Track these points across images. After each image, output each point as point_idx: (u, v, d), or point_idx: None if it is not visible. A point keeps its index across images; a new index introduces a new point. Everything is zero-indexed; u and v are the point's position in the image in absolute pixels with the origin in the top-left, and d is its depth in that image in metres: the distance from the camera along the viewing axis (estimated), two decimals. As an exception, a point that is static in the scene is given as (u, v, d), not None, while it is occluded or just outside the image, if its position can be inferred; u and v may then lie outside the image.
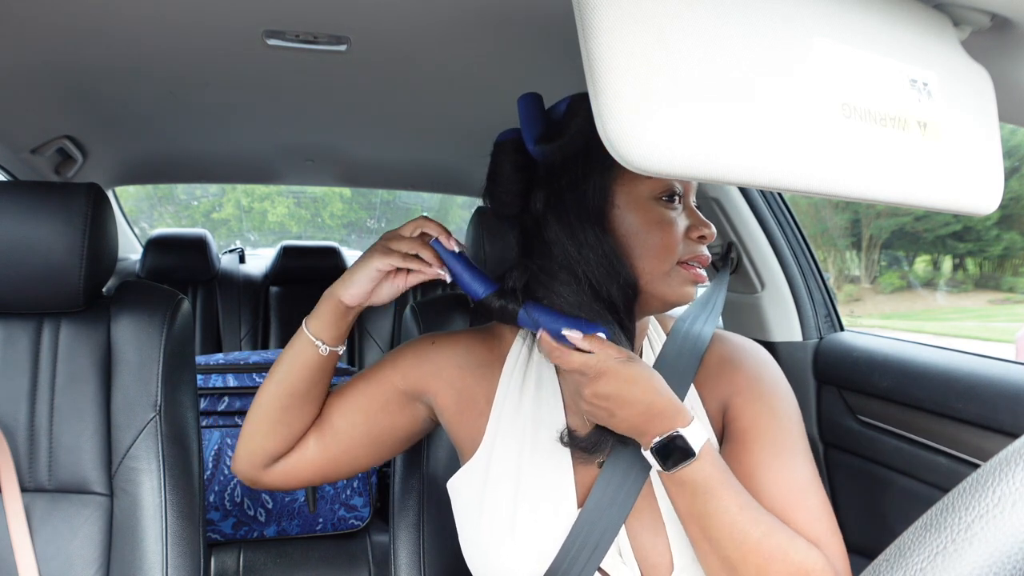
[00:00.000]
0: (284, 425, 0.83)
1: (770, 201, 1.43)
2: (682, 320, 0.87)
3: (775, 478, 0.73)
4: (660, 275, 0.76)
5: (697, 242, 0.77)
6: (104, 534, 0.98)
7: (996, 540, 0.28)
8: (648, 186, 0.75)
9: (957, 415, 1.06)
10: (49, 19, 0.92)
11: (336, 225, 6.09)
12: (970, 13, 0.56)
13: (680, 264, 0.76)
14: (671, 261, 0.75)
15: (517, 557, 0.74)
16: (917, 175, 0.51)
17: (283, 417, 0.83)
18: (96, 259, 1.01)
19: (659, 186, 0.75)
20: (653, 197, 0.75)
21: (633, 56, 0.40)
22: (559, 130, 0.75)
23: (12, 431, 0.99)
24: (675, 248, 0.75)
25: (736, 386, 0.80)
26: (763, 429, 0.76)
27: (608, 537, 0.74)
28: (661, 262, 0.75)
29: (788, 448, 0.75)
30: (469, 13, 0.86)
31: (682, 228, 0.77)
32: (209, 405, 1.68)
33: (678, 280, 0.76)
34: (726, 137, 0.43)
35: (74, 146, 1.55)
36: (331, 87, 1.22)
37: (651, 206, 0.75)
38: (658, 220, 0.75)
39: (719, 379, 0.81)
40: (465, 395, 0.84)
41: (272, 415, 0.83)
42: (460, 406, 0.84)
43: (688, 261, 0.76)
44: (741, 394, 0.79)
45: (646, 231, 0.75)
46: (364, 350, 2.49)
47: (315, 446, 0.86)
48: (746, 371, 0.81)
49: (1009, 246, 6.60)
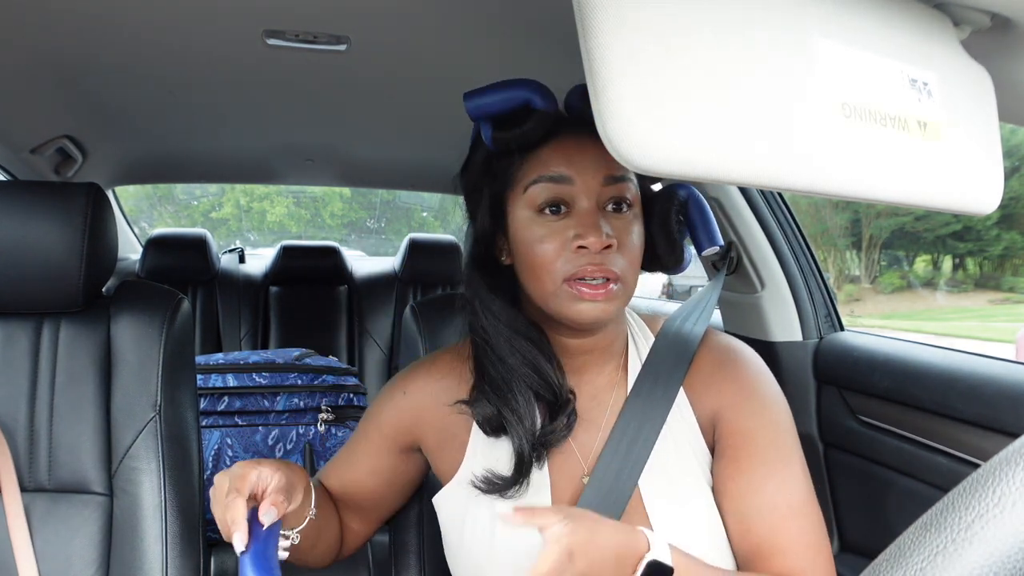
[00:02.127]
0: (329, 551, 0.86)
1: (770, 201, 1.43)
2: (672, 319, 0.83)
3: (771, 499, 0.71)
4: (548, 295, 0.71)
5: (577, 253, 0.69)
6: (104, 534, 0.98)
7: (996, 540, 0.28)
8: (525, 200, 0.71)
9: (957, 415, 1.06)
10: (49, 19, 0.92)
11: (336, 225, 6.09)
12: (970, 13, 0.56)
13: (566, 282, 0.69)
14: (553, 280, 0.69)
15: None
16: (917, 175, 0.51)
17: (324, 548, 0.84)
18: (96, 259, 1.01)
19: (534, 198, 0.71)
20: (534, 211, 0.71)
21: (633, 56, 0.40)
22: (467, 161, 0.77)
23: (12, 431, 0.99)
24: (552, 265, 0.69)
25: (729, 397, 0.75)
26: (757, 445, 0.73)
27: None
28: (542, 281, 0.70)
29: (782, 463, 0.72)
30: (469, 13, 0.87)
31: (562, 240, 0.69)
32: (209, 405, 1.68)
33: (566, 299, 0.69)
34: (726, 137, 0.43)
35: (74, 146, 1.55)
36: (331, 87, 1.22)
37: (531, 220, 0.71)
38: (533, 237, 0.71)
39: (710, 387, 0.77)
40: (445, 432, 0.82)
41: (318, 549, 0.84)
42: (441, 442, 0.83)
43: (573, 278, 0.69)
44: (734, 407, 0.75)
45: (525, 249, 0.71)
46: (364, 350, 2.49)
47: (358, 522, 0.89)
48: (740, 380, 0.76)
49: (1009, 246, 6.60)
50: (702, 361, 0.78)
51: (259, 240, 5.85)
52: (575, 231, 0.69)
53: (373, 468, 0.87)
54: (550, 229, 0.70)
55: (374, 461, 0.87)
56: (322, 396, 1.72)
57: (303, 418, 1.70)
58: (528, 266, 0.71)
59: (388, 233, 5.54)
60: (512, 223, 0.73)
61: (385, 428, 0.86)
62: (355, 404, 1.76)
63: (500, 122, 0.71)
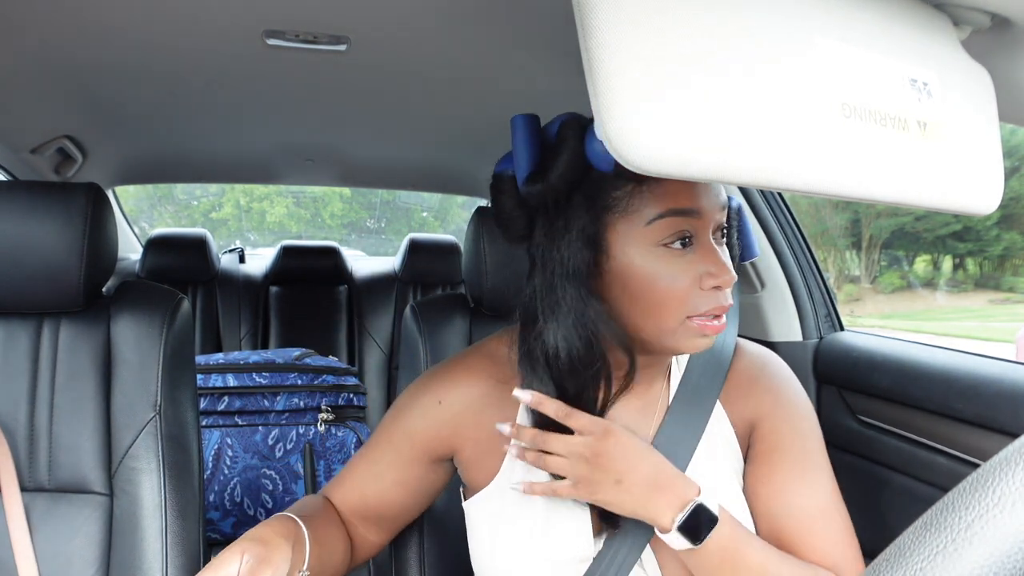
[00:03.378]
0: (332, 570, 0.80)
1: (770, 201, 1.43)
2: None
3: (801, 501, 0.72)
4: (666, 331, 0.67)
5: (711, 292, 0.66)
6: (104, 534, 0.98)
7: (996, 540, 0.28)
8: (647, 232, 0.65)
9: (957, 415, 1.06)
10: (49, 19, 0.92)
11: (336, 225, 6.09)
12: (970, 13, 0.56)
13: (690, 318, 0.66)
14: (679, 316, 0.66)
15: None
16: (917, 175, 0.51)
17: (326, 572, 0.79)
18: (96, 259, 1.01)
19: (659, 231, 0.65)
20: (655, 243, 0.65)
21: (633, 56, 0.40)
22: (543, 170, 0.67)
23: (12, 431, 0.99)
24: (683, 302, 0.66)
25: (764, 407, 0.76)
26: (788, 449, 0.74)
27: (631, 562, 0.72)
28: (666, 319, 0.66)
29: (812, 468, 0.74)
30: (469, 13, 0.86)
31: (692, 276, 0.66)
32: (209, 405, 1.68)
33: (687, 335, 0.67)
34: (726, 137, 0.43)
35: (74, 146, 1.55)
36: (331, 87, 1.22)
37: (652, 254, 0.66)
38: (659, 272, 0.65)
39: (747, 398, 0.77)
40: (483, 442, 0.79)
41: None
42: (479, 452, 0.80)
43: (701, 315, 0.66)
44: (769, 417, 0.76)
45: (647, 284, 0.66)
46: (364, 350, 2.49)
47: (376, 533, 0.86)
48: (773, 391, 0.77)
49: (1009, 246, 6.61)
50: (737, 372, 0.79)
51: (259, 240, 5.85)
52: (705, 268, 0.66)
53: (401, 479, 0.83)
54: (679, 266, 0.65)
55: (403, 473, 0.82)
56: (322, 396, 1.72)
57: (303, 418, 1.70)
58: (645, 301, 0.66)
59: (388, 233, 5.54)
60: (618, 253, 0.66)
61: (418, 439, 0.81)
62: (355, 404, 1.77)
63: None
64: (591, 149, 0.64)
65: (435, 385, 0.81)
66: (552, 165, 0.66)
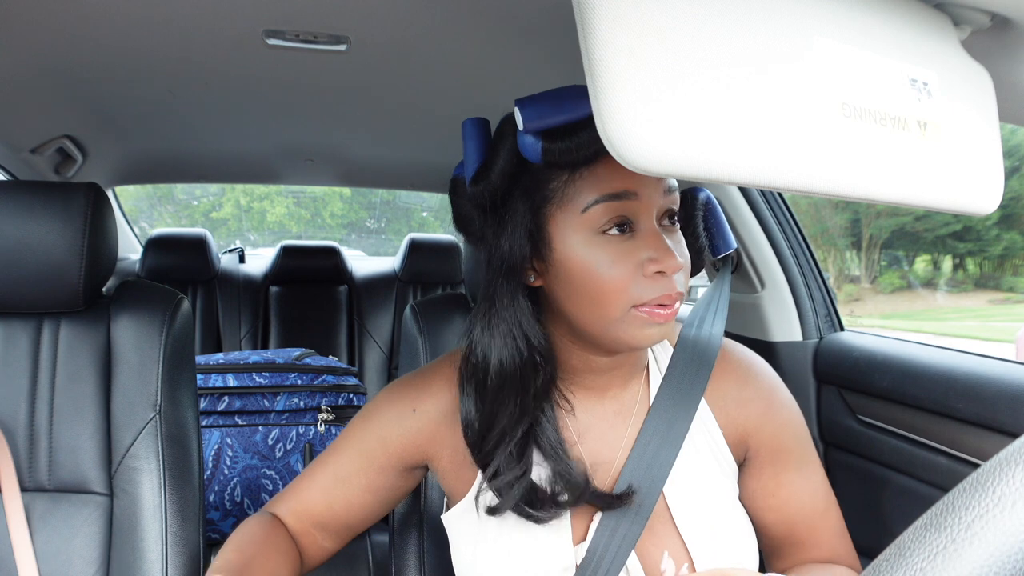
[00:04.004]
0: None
1: (770, 201, 1.43)
2: (687, 326, 0.80)
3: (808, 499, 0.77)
4: (611, 323, 0.65)
5: (653, 279, 0.64)
6: (104, 534, 0.98)
7: (996, 540, 0.28)
8: (584, 220, 0.63)
9: (957, 415, 1.06)
10: (49, 19, 0.92)
11: (336, 225, 6.09)
12: (970, 13, 0.56)
13: (636, 307, 0.64)
14: (622, 306, 0.64)
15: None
16: (917, 175, 0.51)
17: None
18: (96, 259, 1.01)
19: (596, 217, 0.63)
20: (594, 231, 0.64)
21: (633, 55, 0.40)
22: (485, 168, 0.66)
23: (12, 431, 0.99)
24: (625, 291, 0.63)
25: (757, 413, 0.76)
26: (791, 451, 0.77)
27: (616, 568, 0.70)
28: (608, 308, 0.64)
29: (812, 467, 0.78)
30: (469, 13, 0.86)
31: (634, 264, 0.64)
32: (209, 405, 1.68)
33: (634, 324, 0.65)
34: (726, 137, 0.43)
35: (74, 146, 1.55)
36: (331, 87, 1.22)
37: (591, 242, 0.64)
38: (598, 260, 0.63)
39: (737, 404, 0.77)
40: (460, 450, 0.76)
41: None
42: (455, 462, 0.78)
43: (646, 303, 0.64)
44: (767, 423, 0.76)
45: (586, 274, 0.64)
46: (364, 350, 2.49)
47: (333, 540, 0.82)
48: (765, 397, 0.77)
49: (1009, 246, 6.61)
50: (722, 371, 0.77)
51: (259, 240, 5.85)
52: (647, 254, 0.64)
53: (371, 486, 0.80)
54: (618, 252, 0.64)
55: (373, 479, 0.79)
56: (322, 396, 1.72)
57: (303, 418, 1.70)
58: (586, 292, 0.64)
59: (388, 233, 5.54)
60: (559, 245, 0.65)
61: (392, 446, 0.78)
62: (355, 404, 1.76)
63: (551, 133, 0.61)
64: (522, 143, 0.63)
65: (410, 392, 0.79)
66: (492, 163, 0.66)
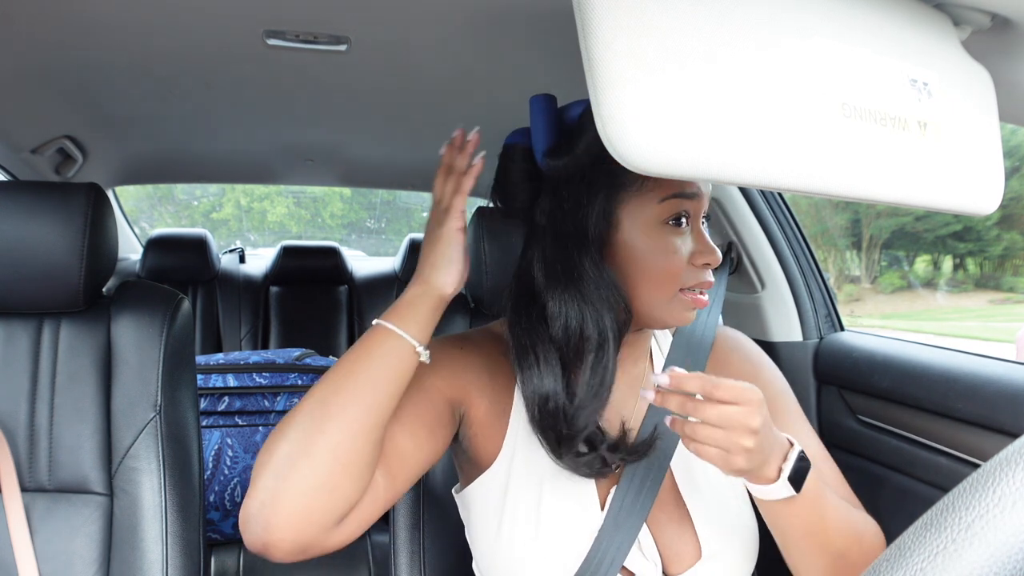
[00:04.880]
0: (370, 462, 0.65)
1: (770, 201, 1.43)
2: None
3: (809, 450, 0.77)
4: (661, 301, 0.74)
5: (701, 269, 0.74)
6: (104, 534, 0.98)
7: (996, 540, 0.28)
8: (655, 210, 0.72)
9: (957, 415, 1.06)
10: (49, 19, 0.92)
11: (336, 225, 6.09)
12: (970, 13, 0.56)
13: (682, 291, 0.73)
14: (673, 289, 0.73)
15: (541, 569, 0.73)
16: (917, 175, 0.51)
17: (373, 451, 0.65)
18: (96, 259, 1.01)
19: (666, 210, 0.72)
20: (660, 221, 0.72)
21: (633, 57, 0.40)
22: (568, 145, 0.71)
23: (12, 431, 0.99)
24: (678, 276, 0.73)
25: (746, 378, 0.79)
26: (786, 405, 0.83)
27: (631, 536, 0.74)
28: (663, 290, 0.73)
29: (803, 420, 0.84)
30: (469, 13, 0.86)
31: (686, 254, 0.73)
32: (209, 405, 1.68)
33: (679, 307, 0.74)
34: (726, 137, 0.43)
35: (74, 146, 1.55)
36: (331, 87, 1.22)
37: (657, 231, 0.72)
38: (663, 247, 0.72)
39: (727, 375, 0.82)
40: (494, 405, 0.79)
41: (362, 452, 0.63)
42: (489, 417, 0.79)
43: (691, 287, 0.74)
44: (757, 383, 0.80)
45: (650, 258, 0.72)
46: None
47: (383, 480, 0.69)
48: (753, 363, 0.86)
49: (1009, 246, 6.61)
50: (716, 354, 0.86)
51: (259, 240, 5.85)
52: (697, 247, 0.73)
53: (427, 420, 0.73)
54: (677, 243, 0.72)
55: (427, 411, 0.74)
56: (322, 396, 1.72)
57: (303, 418, 1.70)
58: (645, 272, 0.72)
59: (388, 233, 5.55)
60: (627, 227, 0.72)
61: (442, 372, 0.76)
62: (355, 404, 1.76)
63: None
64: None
65: (455, 340, 0.82)
66: (579, 140, 0.70)
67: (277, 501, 0.60)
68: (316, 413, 0.63)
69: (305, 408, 0.64)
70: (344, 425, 0.62)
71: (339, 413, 0.63)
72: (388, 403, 0.66)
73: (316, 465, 0.61)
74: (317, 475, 0.61)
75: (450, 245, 0.69)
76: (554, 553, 0.73)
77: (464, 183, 0.69)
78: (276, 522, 0.60)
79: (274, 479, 0.61)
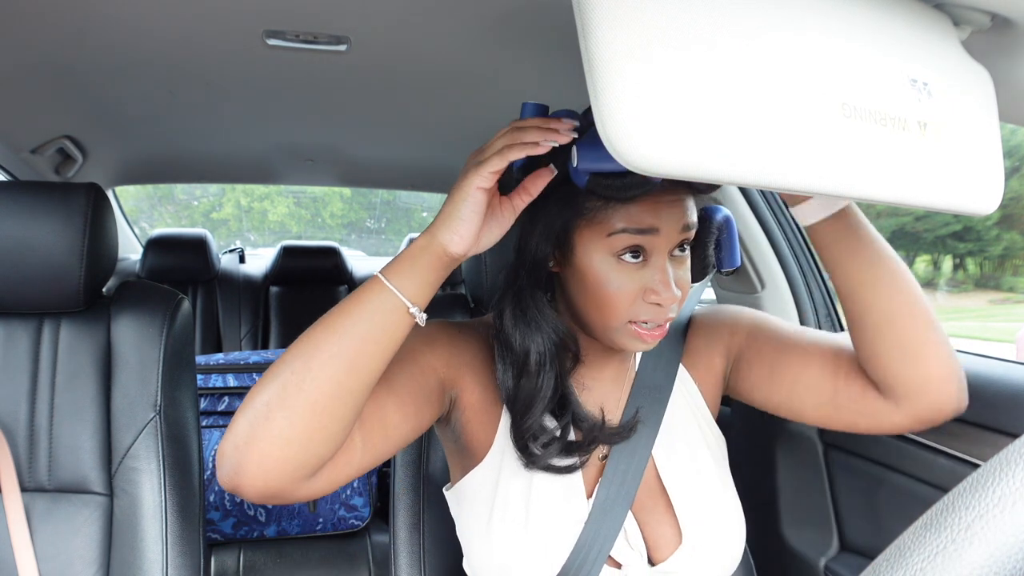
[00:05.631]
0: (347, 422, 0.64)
1: (770, 201, 1.43)
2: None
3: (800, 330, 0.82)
4: (607, 329, 0.73)
5: (649, 305, 0.71)
6: (104, 534, 0.98)
7: (996, 540, 0.28)
8: (604, 243, 0.70)
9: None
10: (49, 19, 0.92)
11: (336, 225, 6.09)
12: (970, 13, 0.56)
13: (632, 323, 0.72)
14: (620, 320, 0.72)
15: (531, 559, 0.74)
16: (917, 175, 0.51)
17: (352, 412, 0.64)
18: (96, 259, 1.01)
19: (616, 243, 0.70)
20: (612, 253, 0.70)
21: (632, 56, 0.40)
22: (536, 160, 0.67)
23: (12, 431, 0.99)
24: (624, 309, 0.71)
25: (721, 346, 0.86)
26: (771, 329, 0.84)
27: (617, 524, 0.75)
28: (608, 319, 0.72)
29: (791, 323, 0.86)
30: (469, 13, 0.86)
31: (638, 288, 0.71)
32: (209, 405, 1.68)
33: (627, 336, 0.73)
34: (725, 137, 0.43)
35: (74, 146, 1.55)
36: (331, 87, 1.22)
37: (606, 262, 0.70)
38: (607, 280, 0.70)
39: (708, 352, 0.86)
40: (488, 393, 0.79)
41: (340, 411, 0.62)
42: (483, 403, 0.79)
43: (638, 321, 0.72)
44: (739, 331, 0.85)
45: (595, 288, 0.71)
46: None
47: (361, 443, 0.68)
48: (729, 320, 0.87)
49: (1009, 246, 6.60)
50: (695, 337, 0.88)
51: (259, 240, 5.85)
52: (650, 285, 0.70)
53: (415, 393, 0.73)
54: (627, 276, 0.70)
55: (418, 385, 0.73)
56: (322, 396, 1.72)
57: (303, 418, 1.70)
58: (594, 300, 0.72)
59: (388, 233, 5.55)
60: (582, 255, 0.72)
61: (437, 349, 0.77)
62: (355, 404, 1.77)
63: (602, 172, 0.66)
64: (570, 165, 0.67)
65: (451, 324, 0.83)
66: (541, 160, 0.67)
67: (250, 447, 0.60)
68: (297, 366, 0.61)
69: (288, 359, 0.63)
70: (323, 383, 0.61)
71: (319, 369, 0.61)
72: (373, 365, 0.63)
73: (292, 417, 0.60)
74: (292, 428, 0.60)
75: (464, 201, 0.63)
76: (543, 544, 0.74)
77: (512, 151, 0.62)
78: (246, 467, 0.60)
79: (249, 425, 0.60)
